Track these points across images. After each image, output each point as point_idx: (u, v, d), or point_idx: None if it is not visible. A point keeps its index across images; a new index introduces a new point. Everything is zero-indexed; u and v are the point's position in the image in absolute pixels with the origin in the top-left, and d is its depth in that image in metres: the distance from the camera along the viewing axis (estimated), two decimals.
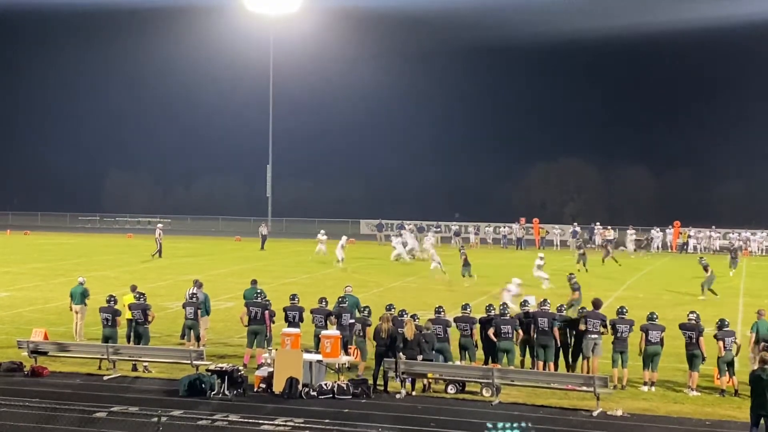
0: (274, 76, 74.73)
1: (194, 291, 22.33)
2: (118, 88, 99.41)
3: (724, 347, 18.63)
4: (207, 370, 18.78)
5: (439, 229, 65.26)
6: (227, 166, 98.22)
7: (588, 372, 19.32)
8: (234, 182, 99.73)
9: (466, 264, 38.39)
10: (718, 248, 59.67)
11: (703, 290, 33.90)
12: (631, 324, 19.56)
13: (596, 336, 19.67)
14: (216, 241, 63.46)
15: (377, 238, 62.49)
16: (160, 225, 48.88)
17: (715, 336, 18.86)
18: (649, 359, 19.16)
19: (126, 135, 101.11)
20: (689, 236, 60.50)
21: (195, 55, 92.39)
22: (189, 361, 19.54)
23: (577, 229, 62.70)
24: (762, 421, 14.59)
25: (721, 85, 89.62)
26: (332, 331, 19.91)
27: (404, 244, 46.97)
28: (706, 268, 34.19)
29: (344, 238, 44.94)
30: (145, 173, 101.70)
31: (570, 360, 20.25)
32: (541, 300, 20.98)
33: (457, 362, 20.07)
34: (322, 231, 49.19)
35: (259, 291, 22.12)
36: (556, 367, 20.04)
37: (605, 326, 19.72)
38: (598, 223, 63.52)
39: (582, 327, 19.81)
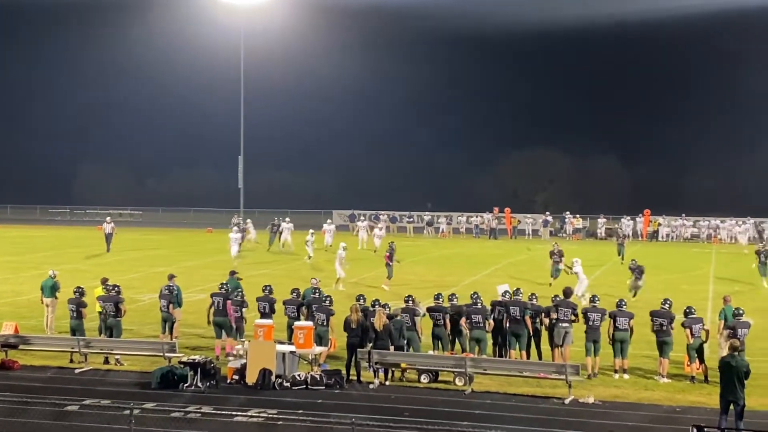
0: (245, 67, 74.22)
1: (170, 284, 22.35)
2: (88, 80, 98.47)
3: (692, 334, 18.81)
4: (179, 362, 18.75)
5: (411, 219, 65.32)
6: (199, 158, 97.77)
7: (560, 360, 19.46)
8: (206, 174, 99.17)
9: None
10: (689, 236, 60.19)
11: (635, 293, 29.79)
12: (602, 313, 19.70)
13: (567, 325, 19.78)
14: (188, 232, 63.20)
15: (350, 229, 62.47)
16: (108, 218, 47.99)
17: (682, 324, 19.04)
18: (618, 346, 19.34)
19: (96, 127, 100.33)
20: (659, 224, 61.02)
21: (166, 45, 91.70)
22: (161, 354, 19.48)
23: (549, 218, 63.05)
24: (731, 406, 14.78)
25: (692, 74, 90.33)
26: (305, 322, 19.94)
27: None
28: (639, 272, 30.04)
29: (311, 232, 43.13)
30: (116, 165, 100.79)
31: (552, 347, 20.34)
32: (515, 289, 21.09)
33: (431, 352, 20.16)
34: (287, 219, 49.11)
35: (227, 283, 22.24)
36: (528, 356, 20.17)
37: (576, 315, 19.85)
38: (568, 213, 63.88)
39: (553, 315, 19.94)
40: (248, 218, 52.25)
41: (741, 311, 18.95)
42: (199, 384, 18.16)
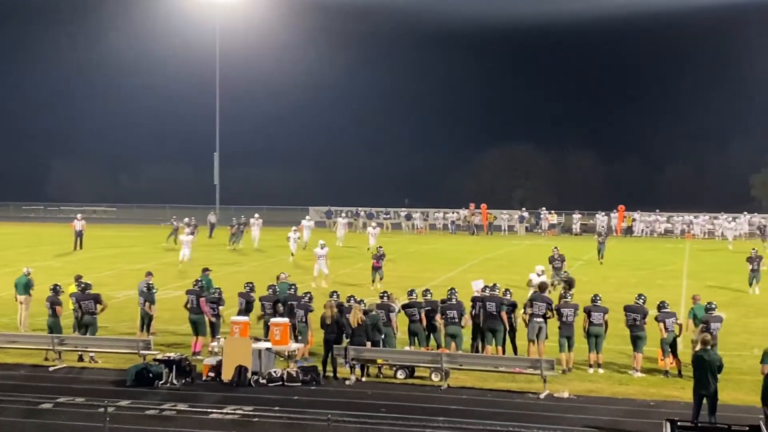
0: (220, 62, 73.98)
1: (149, 281, 22.31)
2: (60, 75, 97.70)
3: (665, 328, 18.94)
4: (154, 360, 18.68)
5: (388, 216, 65.33)
6: (174, 154, 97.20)
7: (535, 355, 19.53)
8: (181, 170, 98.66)
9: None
10: (663, 232, 60.58)
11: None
12: (575, 308, 19.80)
13: (541, 320, 19.85)
14: (163, 229, 62.81)
15: (327, 225, 62.39)
16: (79, 215, 47.50)
17: (656, 318, 19.19)
18: (593, 340, 19.46)
19: (70, 123, 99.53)
20: (634, 220, 61.39)
21: (140, 41, 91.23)
22: (136, 351, 19.40)
23: (525, 214, 63.27)
24: (704, 400, 14.91)
25: (667, 71, 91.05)
26: (281, 318, 19.93)
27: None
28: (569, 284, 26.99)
29: (294, 229, 42.45)
30: (90, 161, 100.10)
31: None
32: (491, 285, 21.14)
33: (407, 348, 20.19)
34: (256, 215, 48.89)
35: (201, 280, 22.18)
36: (504, 351, 20.24)
37: (551, 310, 19.94)
38: (544, 209, 64.14)
39: (528, 311, 20.02)
40: (243, 215, 51.30)
41: (713, 306, 19.08)
42: (175, 381, 18.10)
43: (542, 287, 20.74)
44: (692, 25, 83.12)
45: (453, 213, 64.75)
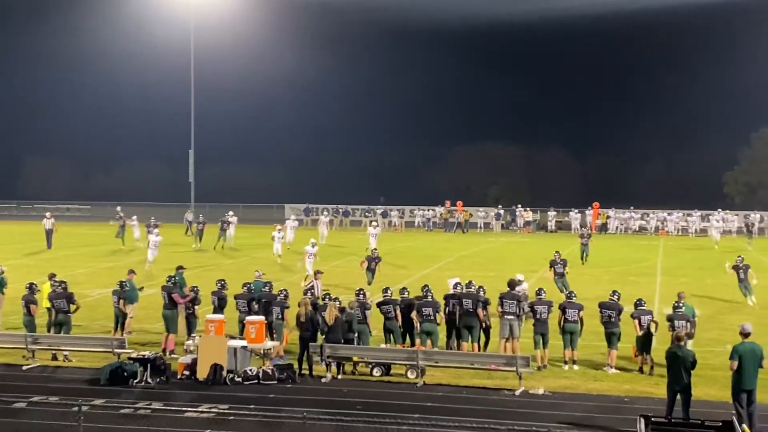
0: (195, 60, 73.67)
1: (131, 278, 22.32)
2: (32, 72, 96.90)
3: (640, 325, 19.06)
4: (129, 358, 18.58)
5: (369, 214, 65.22)
6: (149, 151, 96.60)
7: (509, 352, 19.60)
8: (156, 167, 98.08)
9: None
10: (637, 228, 60.97)
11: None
12: (549, 305, 19.89)
13: (512, 317, 19.89)
14: (138, 227, 62.40)
15: (304, 223, 62.32)
16: (48, 214, 47.07)
17: (631, 315, 19.30)
18: (567, 337, 19.56)
19: (44, 120, 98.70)
20: (608, 217, 61.75)
21: (114, 37, 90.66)
22: (110, 350, 19.28)
23: (501, 211, 63.47)
24: (678, 396, 15.03)
25: (641, 68, 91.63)
26: (256, 316, 19.88)
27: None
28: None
29: (278, 228, 40.62)
30: (63, 159, 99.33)
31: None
32: (467, 282, 21.18)
33: (383, 345, 20.21)
34: (230, 213, 48.61)
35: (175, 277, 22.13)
36: (479, 348, 20.29)
37: (522, 308, 19.94)
38: (519, 206, 64.36)
39: (499, 309, 20.08)
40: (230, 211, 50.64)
41: (681, 304, 19.13)
42: (149, 380, 18.02)
43: (512, 285, 20.75)
44: (665, 23, 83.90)
45: (429, 210, 64.88)
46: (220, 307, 20.97)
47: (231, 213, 48.49)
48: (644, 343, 19.11)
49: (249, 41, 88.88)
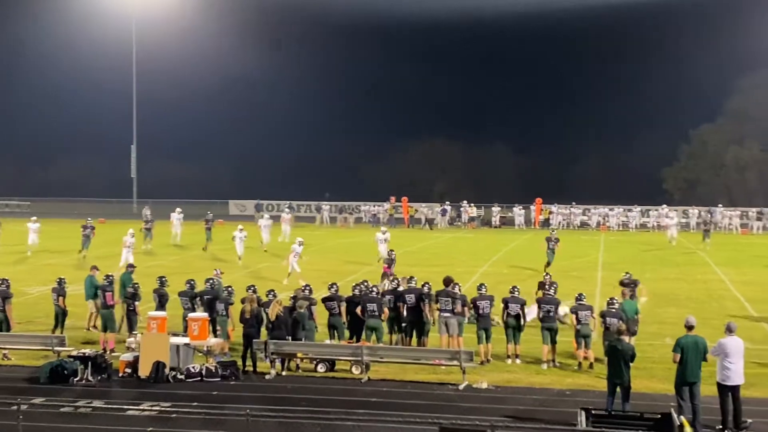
0: (137, 55, 72.95)
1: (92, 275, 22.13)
2: None
3: (578, 320, 19.27)
4: (69, 356, 18.33)
5: (325, 209, 64.97)
6: (89, 147, 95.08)
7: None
8: (97, 163, 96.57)
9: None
10: (579, 224, 61.71)
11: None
12: (491, 299, 20.04)
13: (448, 314, 19.99)
14: (79, 223, 61.48)
15: (255, 219, 61.94)
16: None
17: (570, 309, 19.53)
18: (510, 332, 19.74)
19: None
20: (551, 212, 62.43)
21: (54, 32, 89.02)
22: (50, 348, 19.01)
23: (447, 207, 63.74)
24: (618, 389, 15.27)
25: (580, 65, 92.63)
26: (199, 313, 19.75)
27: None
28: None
29: (239, 228, 37.99)
30: (1, 154, 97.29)
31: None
32: (409, 277, 21.25)
33: (327, 341, 20.19)
34: (178, 209, 48.10)
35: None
36: (423, 343, 20.37)
37: (457, 304, 20.00)
38: (465, 201, 64.72)
39: (435, 306, 20.16)
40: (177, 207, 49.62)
41: (614, 301, 19.30)
42: (90, 378, 17.81)
43: (447, 282, 20.78)
44: (605, 21, 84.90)
45: (375, 207, 65.01)
46: (161, 304, 20.81)
47: (179, 210, 47.93)
48: (584, 338, 19.28)
49: (192, 36, 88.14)
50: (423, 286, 20.74)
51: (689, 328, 15.35)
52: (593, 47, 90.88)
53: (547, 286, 27.98)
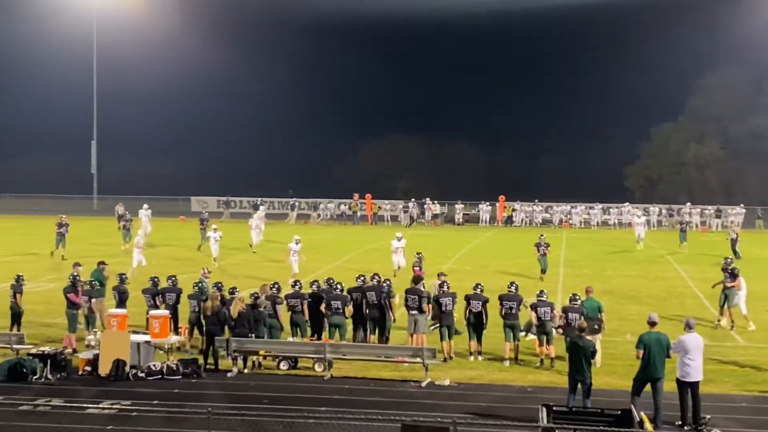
0: (98, 50, 72.19)
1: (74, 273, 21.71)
2: None
3: (537, 316, 19.36)
4: (28, 354, 18.11)
5: (299, 207, 64.76)
6: (49, 142, 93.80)
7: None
8: (57, 158, 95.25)
9: None
10: (541, 221, 62.08)
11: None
12: (453, 296, 20.09)
13: (416, 312, 20.02)
14: (39, 219, 60.82)
15: (223, 216, 61.60)
16: None
17: (531, 305, 19.61)
18: (472, 328, 19.80)
19: None
20: (514, 210, 62.77)
21: (12, 24, 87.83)
22: (8, 345, 18.76)
23: (410, 204, 63.79)
24: (579, 385, 15.37)
25: (542, 63, 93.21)
26: (161, 311, 19.59)
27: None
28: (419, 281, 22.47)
29: (213, 227, 36.86)
30: None
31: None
32: (372, 274, 21.25)
33: (290, 338, 20.13)
34: (145, 205, 47.64)
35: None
36: (387, 340, 20.38)
37: (423, 302, 20.02)
38: (428, 199, 64.84)
39: (403, 304, 20.19)
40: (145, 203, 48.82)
41: (577, 297, 19.42)
42: (49, 376, 17.61)
43: (415, 280, 20.86)
44: (567, 20, 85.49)
45: (341, 205, 65.05)
46: (121, 302, 20.63)
47: (146, 206, 47.49)
48: (546, 335, 19.37)
49: (154, 32, 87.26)
50: (383, 282, 20.73)
51: (652, 324, 15.49)
52: (556, 45, 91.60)
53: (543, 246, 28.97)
